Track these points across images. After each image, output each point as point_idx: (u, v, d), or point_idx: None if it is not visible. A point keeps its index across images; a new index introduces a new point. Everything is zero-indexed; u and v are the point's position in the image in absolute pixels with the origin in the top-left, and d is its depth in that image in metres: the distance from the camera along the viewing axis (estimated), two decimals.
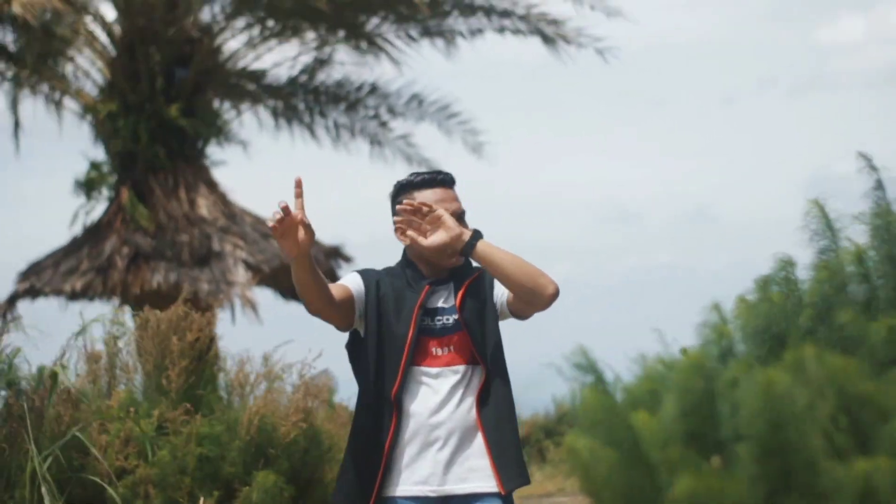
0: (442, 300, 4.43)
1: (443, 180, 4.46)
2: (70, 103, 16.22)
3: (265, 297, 16.84)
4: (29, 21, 14.19)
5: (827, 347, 2.27)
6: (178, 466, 6.31)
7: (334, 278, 17.05)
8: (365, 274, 4.43)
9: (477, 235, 4.21)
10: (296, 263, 4.04)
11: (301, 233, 4.01)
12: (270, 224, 3.93)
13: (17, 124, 16.12)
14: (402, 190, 4.43)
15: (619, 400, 2.47)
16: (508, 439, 4.35)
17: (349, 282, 4.39)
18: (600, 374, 2.46)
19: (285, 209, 3.95)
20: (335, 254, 16.70)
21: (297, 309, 17.29)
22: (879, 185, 2.97)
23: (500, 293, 4.39)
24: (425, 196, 4.38)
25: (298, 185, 4.05)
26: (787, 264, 2.87)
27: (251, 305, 15.23)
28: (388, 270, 4.49)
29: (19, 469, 6.05)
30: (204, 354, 6.80)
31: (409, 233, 4.21)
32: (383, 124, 17.02)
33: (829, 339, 2.44)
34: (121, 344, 6.89)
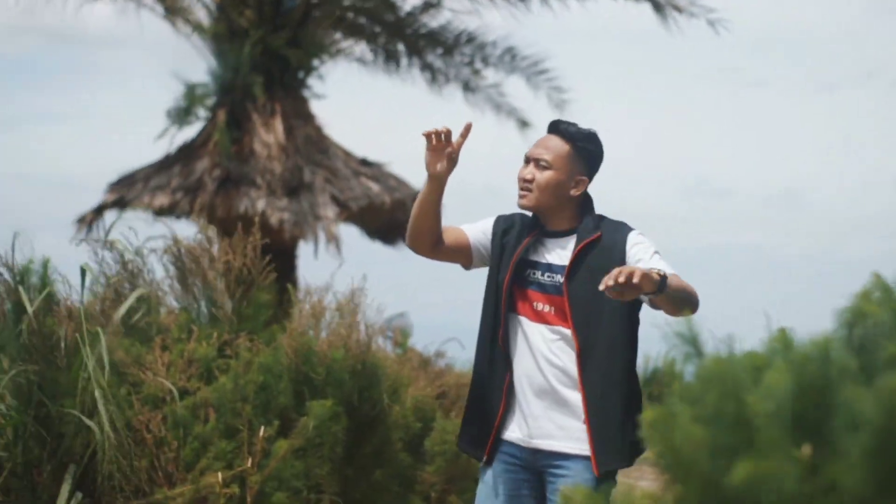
0: (556, 255, 4.40)
1: (555, 126, 4.47)
2: (178, 22, 16.21)
3: (350, 234, 16.80)
4: None
5: None
6: (239, 393, 6.24)
7: None
8: (498, 222, 4.51)
9: (664, 276, 4.07)
10: (429, 183, 4.31)
11: (446, 161, 4.27)
12: (426, 134, 4.22)
13: None
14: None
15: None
16: (608, 417, 4.26)
17: (478, 227, 4.51)
18: (701, 348, 2.29)
19: (448, 134, 4.24)
20: None
21: (380, 249, 17.24)
22: None
23: (636, 260, 4.29)
24: (542, 139, 4.43)
25: (468, 128, 4.31)
26: None
27: (335, 241, 15.17)
28: (525, 218, 4.52)
29: (73, 377, 5.98)
30: (259, 283, 6.71)
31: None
32: (476, 72, 16.89)
33: None
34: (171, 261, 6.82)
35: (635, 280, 3.88)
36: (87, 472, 5.93)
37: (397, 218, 16.35)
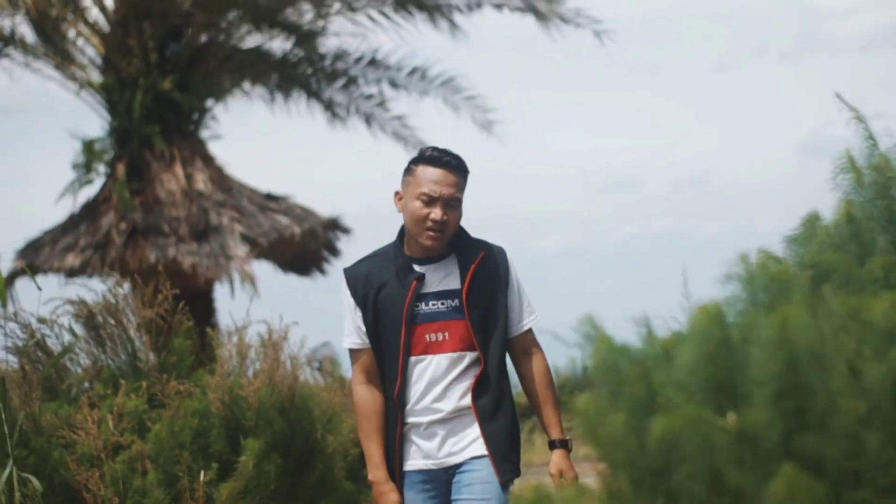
0: (440, 280, 4.41)
1: (448, 163, 4.42)
2: (65, 80, 16.07)
3: (264, 270, 16.74)
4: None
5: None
6: (175, 440, 6.21)
7: (333, 250, 16.97)
8: (353, 285, 4.46)
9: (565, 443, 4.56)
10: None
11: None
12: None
13: None
14: (410, 163, 4.46)
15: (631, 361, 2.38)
16: (501, 429, 4.40)
17: (354, 325, 4.49)
18: (609, 339, 2.36)
19: None
20: (333, 226, 16.58)
21: (294, 281, 17.21)
22: (871, 137, 2.93)
23: (515, 321, 4.47)
24: (427, 174, 4.38)
25: None
26: (815, 218, 2.80)
27: (250, 279, 15.12)
28: (380, 256, 4.49)
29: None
30: (177, 330, 6.69)
31: None
32: (381, 104, 16.77)
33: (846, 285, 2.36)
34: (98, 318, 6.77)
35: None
36: None
37: (309, 248, 16.34)
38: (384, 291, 4.38)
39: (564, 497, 2.33)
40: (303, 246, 16.14)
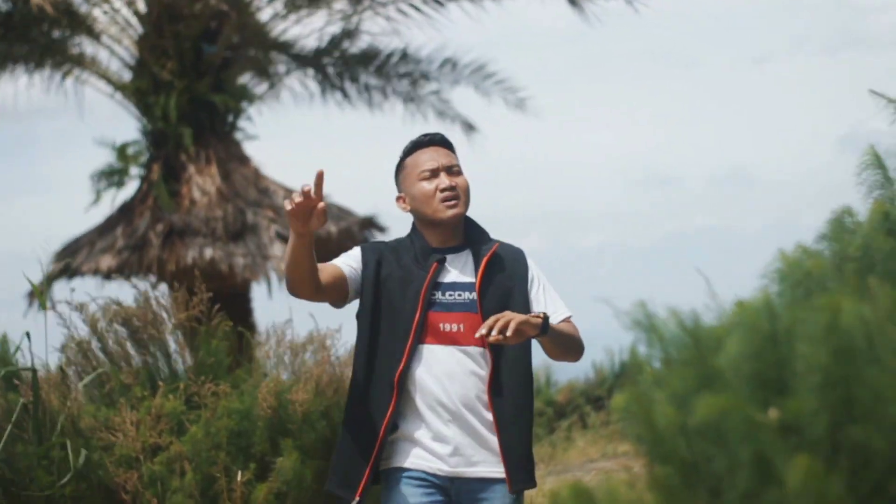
0: (457, 272, 4.30)
1: (432, 138, 4.38)
2: (99, 84, 16.14)
3: None
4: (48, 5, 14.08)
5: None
6: (212, 441, 6.21)
7: None
8: (366, 251, 4.35)
9: (546, 317, 4.14)
10: (298, 240, 3.95)
11: (314, 218, 3.92)
12: (287, 203, 3.85)
13: None
14: (398, 163, 4.42)
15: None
16: (519, 437, 4.24)
17: (347, 260, 4.31)
18: (661, 330, 2.32)
19: (306, 193, 3.86)
20: (369, 224, 16.57)
21: None
22: None
23: (538, 302, 4.31)
24: (418, 157, 4.33)
25: (320, 177, 3.90)
26: (846, 213, 2.76)
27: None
28: (397, 243, 4.39)
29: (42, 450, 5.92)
30: (213, 332, 6.68)
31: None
32: (415, 83, 16.82)
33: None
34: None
35: (511, 329, 3.93)
36: None
37: (345, 247, 16.28)
38: (399, 269, 4.27)
39: (606, 488, 2.30)
40: (339, 245, 16.12)
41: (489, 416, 4.22)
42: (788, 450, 2.02)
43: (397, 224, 17.44)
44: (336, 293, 4.25)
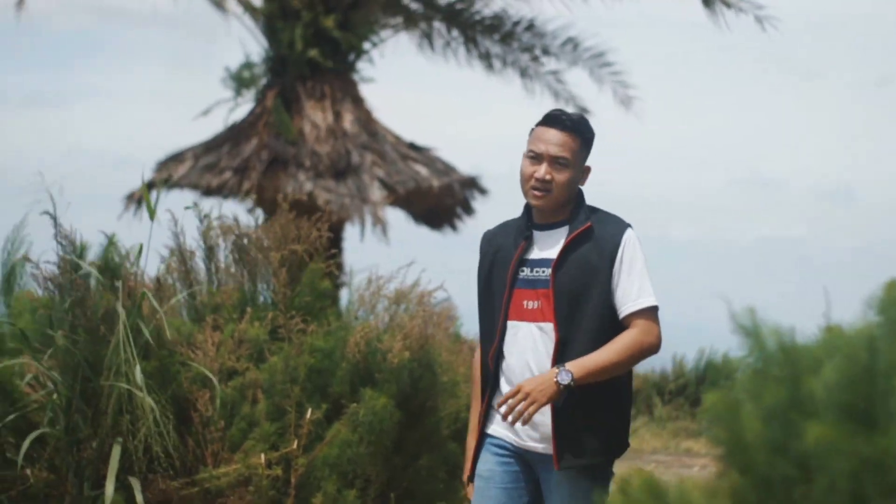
0: (546, 249, 4.28)
1: (562, 122, 4.29)
2: (230, 3, 16.21)
3: (396, 217, 16.76)
4: None
5: None
6: (289, 375, 6.20)
7: (468, 209, 16.90)
8: (482, 244, 4.48)
9: (564, 374, 4.09)
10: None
11: None
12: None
13: None
14: (538, 121, 4.34)
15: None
16: (574, 416, 4.19)
17: (478, 275, 4.47)
18: (764, 341, 2.26)
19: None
20: (471, 184, 16.51)
21: (426, 233, 17.20)
22: None
23: (620, 302, 4.21)
24: (539, 132, 4.28)
25: None
26: None
27: (381, 224, 15.15)
28: (513, 220, 4.43)
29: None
30: (315, 268, 6.66)
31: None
32: (535, 58, 16.73)
33: None
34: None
35: (529, 412, 4.06)
36: (130, 449, 5.89)
37: (444, 202, 16.31)
38: (501, 252, 4.34)
39: (679, 489, 2.25)
40: (438, 200, 16.12)
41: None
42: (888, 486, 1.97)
43: (500, 186, 17.36)
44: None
